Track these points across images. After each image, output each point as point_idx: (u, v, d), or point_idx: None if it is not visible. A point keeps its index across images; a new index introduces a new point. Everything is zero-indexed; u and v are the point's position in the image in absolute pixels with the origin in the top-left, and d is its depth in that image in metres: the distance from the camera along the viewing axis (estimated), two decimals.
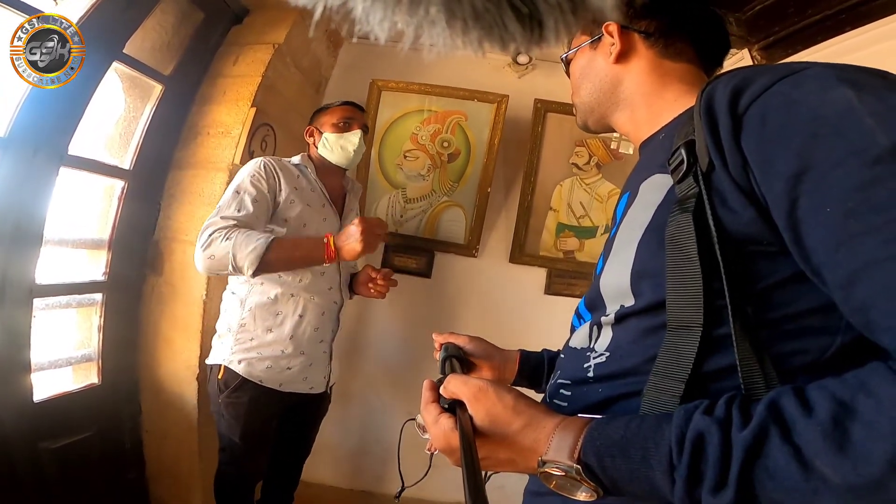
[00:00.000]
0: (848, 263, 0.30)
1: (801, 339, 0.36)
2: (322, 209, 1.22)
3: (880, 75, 0.34)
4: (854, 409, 0.28)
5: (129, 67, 1.28)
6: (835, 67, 0.34)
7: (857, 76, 0.33)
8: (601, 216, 1.75)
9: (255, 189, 1.10)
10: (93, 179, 1.30)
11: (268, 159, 1.16)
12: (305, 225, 1.16)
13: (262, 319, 1.14)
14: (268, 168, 1.14)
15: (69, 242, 1.26)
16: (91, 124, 1.21)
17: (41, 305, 1.14)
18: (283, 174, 1.15)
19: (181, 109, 1.45)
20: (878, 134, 0.30)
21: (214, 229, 1.01)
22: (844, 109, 0.31)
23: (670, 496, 0.33)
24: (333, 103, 1.28)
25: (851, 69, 0.34)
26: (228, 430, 1.14)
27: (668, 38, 0.52)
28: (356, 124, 1.25)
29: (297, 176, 1.20)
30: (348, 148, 1.23)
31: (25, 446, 1.08)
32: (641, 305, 0.42)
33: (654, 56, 0.53)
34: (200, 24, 1.44)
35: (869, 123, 0.30)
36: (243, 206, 1.06)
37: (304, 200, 1.17)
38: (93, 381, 1.30)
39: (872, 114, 0.30)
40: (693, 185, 0.39)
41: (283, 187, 1.14)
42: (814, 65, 0.35)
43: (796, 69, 0.35)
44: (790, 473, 0.29)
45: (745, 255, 0.37)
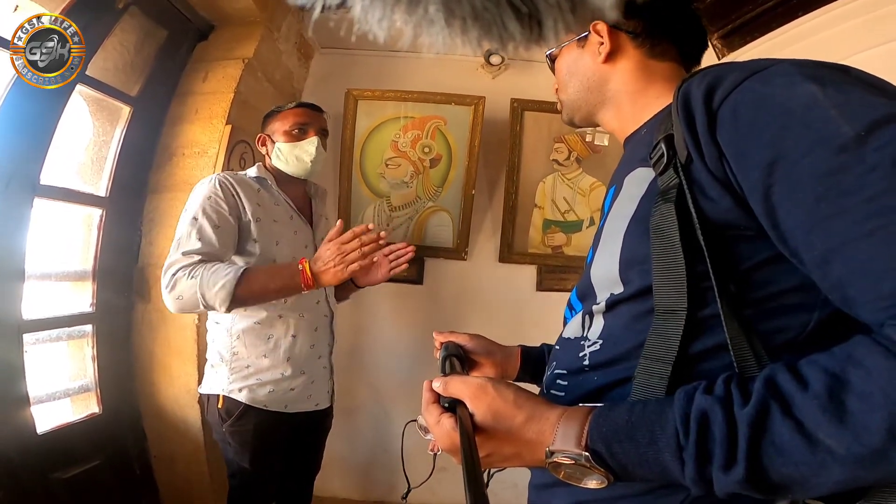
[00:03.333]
0: (822, 244, 0.32)
1: (783, 317, 0.38)
2: (291, 221, 1.14)
3: (841, 70, 0.36)
4: (846, 380, 0.29)
5: (94, 90, 1.24)
6: (798, 64, 0.37)
7: (819, 72, 0.36)
8: (585, 210, 1.78)
9: (215, 213, 1.00)
10: (69, 209, 1.26)
11: (222, 176, 1.06)
12: (278, 242, 1.08)
13: (253, 346, 1.08)
14: (224, 186, 1.03)
15: (52, 275, 1.23)
16: (61, 152, 1.17)
17: (31, 340, 1.12)
18: (242, 190, 1.06)
19: (152, 131, 1.42)
20: (842, 124, 0.32)
21: (177, 268, 0.94)
22: (810, 103, 0.34)
23: (681, 477, 0.33)
24: (285, 106, 1.15)
25: (813, 65, 0.37)
26: (236, 457, 1.10)
27: (654, 38, 0.54)
28: (312, 130, 1.12)
29: (258, 190, 1.11)
30: (304, 158, 1.11)
31: (37, 478, 1.08)
32: (630, 292, 0.43)
33: (641, 56, 0.54)
34: (164, 41, 1.41)
35: (833, 115, 0.32)
36: (203, 236, 0.97)
37: (270, 216, 1.09)
38: (93, 410, 1.29)
39: (835, 106, 0.33)
40: (674, 177, 0.41)
41: (245, 205, 1.04)
42: (780, 62, 0.37)
43: (763, 66, 0.37)
44: (796, 447, 0.30)
45: (725, 240, 0.39)
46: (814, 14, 1.35)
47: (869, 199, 0.30)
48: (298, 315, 1.12)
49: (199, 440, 1.33)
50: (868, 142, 0.31)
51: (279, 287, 0.98)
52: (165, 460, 1.40)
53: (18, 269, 1.07)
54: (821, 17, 1.33)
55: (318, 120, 1.16)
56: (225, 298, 0.91)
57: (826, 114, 0.33)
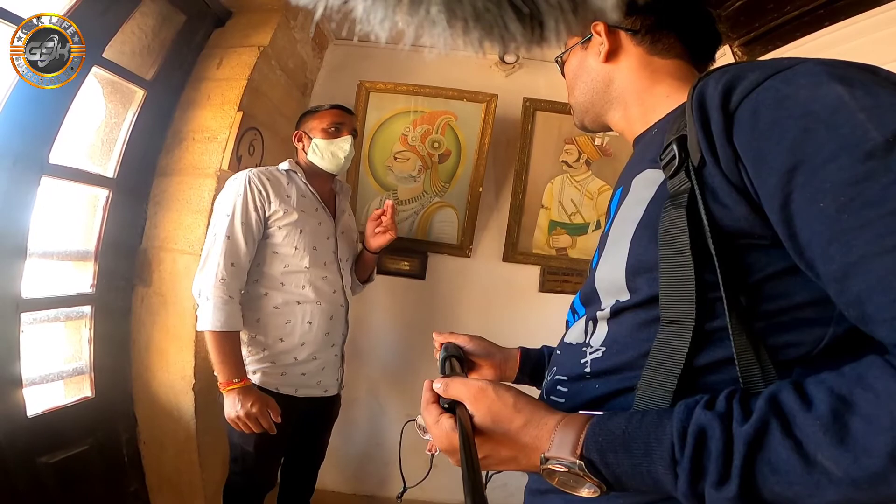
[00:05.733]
0: (842, 257, 0.31)
1: (796, 331, 0.36)
2: (316, 213, 1.21)
3: (870, 71, 0.34)
4: (853, 402, 0.29)
5: (109, 72, 1.24)
6: (825, 63, 0.34)
7: (847, 72, 0.33)
8: (592, 213, 1.76)
9: (245, 225, 1.09)
10: (76, 189, 1.26)
11: (252, 174, 1.13)
12: (301, 231, 1.16)
13: (272, 329, 1.14)
14: (253, 187, 1.11)
15: (54, 255, 1.23)
16: (72, 132, 1.17)
17: (28, 320, 1.12)
18: (272, 185, 1.14)
19: (164, 115, 1.42)
20: (870, 129, 0.30)
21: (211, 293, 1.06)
22: (836, 105, 0.31)
23: (673, 491, 0.33)
24: (322, 107, 1.26)
25: (841, 65, 0.34)
26: (242, 440, 1.13)
27: (654, 34, 0.53)
28: (346, 129, 1.23)
29: (287, 183, 1.19)
30: (339, 154, 1.22)
31: (24, 462, 1.08)
32: (637, 300, 0.42)
33: (642, 53, 0.53)
34: (182, 26, 1.41)
35: (861, 119, 0.30)
36: (237, 260, 1.08)
37: (297, 207, 1.16)
38: (86, 394, 1.28)
39: (864, 109, 0.30)
40: (685, 181, 0.39)
41: (271, 201, 1.12)
42: (804, 61, 0.35)
43: (786, 65, 0.35)
44: (792, 467, 0.29)
45: (737, 249, 0.37)
46: (840, 25, 1.31)
47: (894, 212, 0.28)
48: (316, 302, 1.17)
49: (191, 428, 1.32)
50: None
51: (219, 361, 1.06)
52: (155, 447, 1.39)
53: (21, 247, 1.07)
54: (847, 28, 1.30)
55: (351, 121, 1.27)
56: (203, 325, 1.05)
57: (853, 117, 0.30)
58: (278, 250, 1.14)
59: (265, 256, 1.15)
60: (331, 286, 1.20)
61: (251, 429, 1.04)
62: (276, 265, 1.15)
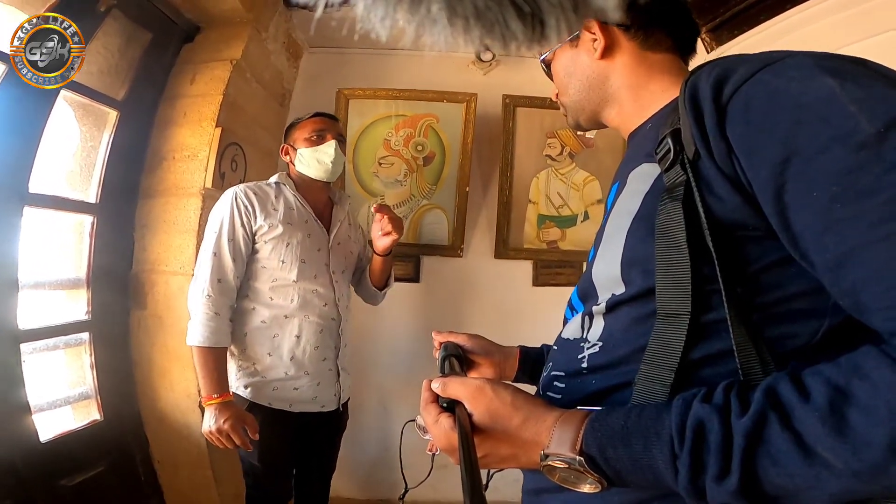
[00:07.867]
0: (835, 247, 0.31)
1: (792, 322, 0.37)
2: (305, 225, 1.19)
3: (860, 63, 0.34)
4: (850, 393, 0.29)
5: (79, 94, 1.21)
6: (814, 56, 0.35)
7: (837, 64, 0.34)
8: (579, 204, 1.79)
9: (232, 242, 1.09)
10: (60, 217, 1.24)
11: (240, 189, 1.13)
12: (288, 244, 1.14)
13: (259, 344, 1.13)
14: (240, 203, 1.11)
15: (46, 284, 1.22)
16: (49, 159, 1.15)
17: (28, 350, 1.12)
18: (258, 200, 1.13)
19: (141, 135, 1.39)
20: (862, 120, 0.30)
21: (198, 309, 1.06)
22: (827, 97, 0.32)
23: (674, 485, 0.33)
24: (303, 117, 1.25)
25: (830, 57, 0.35)
26: (247, 454, 1.13)
27: (646, 28, 0.53)
28: (329, 135, 1.22)
29: (276, 196, 1.18)
30: (324, 160, 1.20)
31: (44, 486, 1.09)
32: (632, 293, 0.42)
33: (636, 48, 0.53)
34: (149, 44, 1.38)
35: (852, 110, 0.31)
36: (223, 276, 1.08)
37: (283, 220, 1.15)
38: (94, 417, 1.29)
39: (855, 101, 0.31)
40: (680, 174, 0.39)
41: (257, 216, 1.12)
42: (795, 53, 0.35)
43: (776, 58, 0.36)
44: (792, 459, 0.29)
45: (733, 241, 0.37)
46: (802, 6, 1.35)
47: (887, 202, 0.29)
48: (304, 316, 1.16)
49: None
50: (889, 140, 0.29)
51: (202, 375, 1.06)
52: (169, 466, 1.39)
53: (12, 279, 1.06)
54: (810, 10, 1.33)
55: (334, 126, 1.25)
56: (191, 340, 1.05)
57: (844, 109, 0.31)
58: (266, 264, 1.13)
59: (254, 271, 1.14)
60: (321, 299, 1.18)
61: (224, 444, 1.04)
62: (264, 279, 1.14)
